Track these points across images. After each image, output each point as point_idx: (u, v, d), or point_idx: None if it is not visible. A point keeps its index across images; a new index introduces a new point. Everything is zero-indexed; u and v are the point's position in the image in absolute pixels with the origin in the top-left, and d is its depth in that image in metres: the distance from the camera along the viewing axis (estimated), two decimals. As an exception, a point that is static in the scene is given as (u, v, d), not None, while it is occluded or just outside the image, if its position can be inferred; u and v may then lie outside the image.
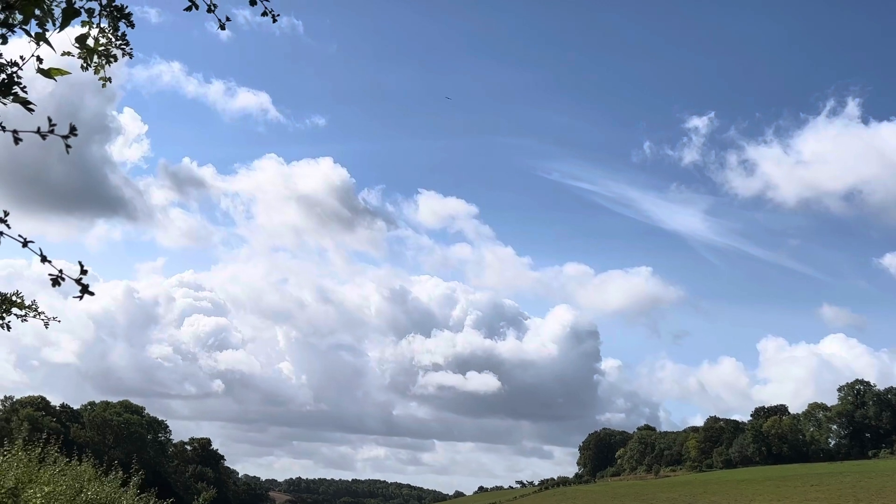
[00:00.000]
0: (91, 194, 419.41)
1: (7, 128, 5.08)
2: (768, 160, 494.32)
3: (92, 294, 5.34)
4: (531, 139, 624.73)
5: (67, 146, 5.15)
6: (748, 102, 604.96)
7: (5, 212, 5.26)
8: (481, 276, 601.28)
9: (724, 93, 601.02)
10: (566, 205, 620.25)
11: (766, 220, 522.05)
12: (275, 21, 6.81)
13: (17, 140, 5.05)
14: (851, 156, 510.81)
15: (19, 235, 5.27)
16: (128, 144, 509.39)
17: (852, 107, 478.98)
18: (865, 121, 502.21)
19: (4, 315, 11.03)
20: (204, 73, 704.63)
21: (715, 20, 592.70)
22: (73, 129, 5.14)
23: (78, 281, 5.26)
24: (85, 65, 5.79)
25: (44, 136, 5.03)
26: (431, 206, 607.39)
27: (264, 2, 6.57)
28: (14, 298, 11.20)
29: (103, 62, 5.84)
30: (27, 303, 11.21)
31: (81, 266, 5.32)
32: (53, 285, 5.32)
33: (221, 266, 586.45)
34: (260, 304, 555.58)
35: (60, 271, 5.29)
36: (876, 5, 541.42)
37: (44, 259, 5.27)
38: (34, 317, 11.20)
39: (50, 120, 5.03)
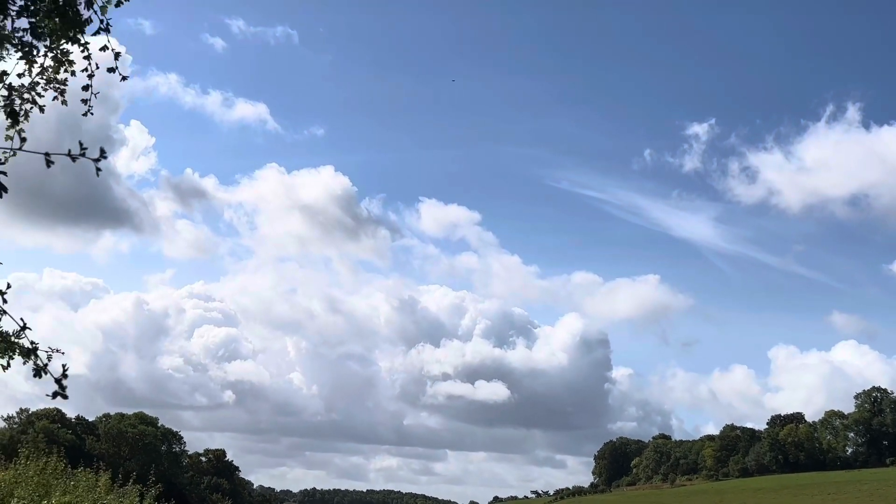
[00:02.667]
0: (96, 206, 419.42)
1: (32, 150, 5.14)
2: (770, 167, 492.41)
3: (66, 397, 5.48)
4: (531, 147, 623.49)
5: (98, 169, 5.21)
6: (748, 109, 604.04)
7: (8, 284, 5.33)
8: (489, 285, 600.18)
9: (724, 99, 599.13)
10: (570, 212, 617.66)
11: (772, 226, 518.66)
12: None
13: (49, 163, 5.11)
14: (854, 161, 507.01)
15: (20, 319, 5.37)
16: (135, 157, 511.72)
17: (853, 112, 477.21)
18: (866, 126, 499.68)
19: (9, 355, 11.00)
20: (201, 84, 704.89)
21: (714, 26, 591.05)
22: (102, 153, 5.22)
23: (58, 381, 5.36)
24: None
25: (74, 159, 5.11)
26: (433, 214, 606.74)
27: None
28: (13, 340, 11.13)
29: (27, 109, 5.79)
30: (27, 343, 11.17)
31: (64, 368, 5.42)
32: (35, 376, 5.44)
33: (230, 277, 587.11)
34: (269, 315, 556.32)
35: (45, 365, 5.41)
36: (874, 9, 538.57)
37: (34, 350, 5.36)
38: (34, 360, 11.17)
39: (81, 144, 5.11)
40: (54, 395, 5.36)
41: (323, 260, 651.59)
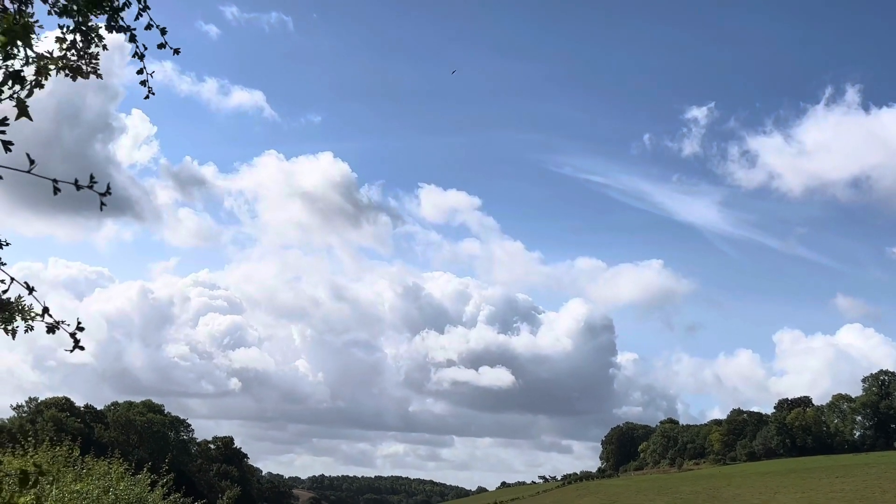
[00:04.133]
0: (96, 194, 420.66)
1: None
2: (770, 151, 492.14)
3: (82, 349, 5.48)
4: (530, 132, 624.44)
5: (102, 204, 5.26)
6: (747, 92, 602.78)
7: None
8: (492, 272, 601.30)
9: (723, 83, 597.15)
10: (572, 197, 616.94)
11: (774, 210, 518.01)
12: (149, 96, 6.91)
13: (56, 190, 5.14)
14: (854, 144, 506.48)
15: (25, 283, 5.36)
16: (137, 146, 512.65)
17: (851, 94, 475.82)
18: (866, 108, 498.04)
19: (14, 319, 10.98)
20: (197, 71, 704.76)
21: (712, 10, 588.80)
22: (108, 189, 5.27)
23: (72, 335, 5.36)
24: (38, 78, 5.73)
25: (78, 188, 5.14)
26: (433, 200, 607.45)
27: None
28: (16, 305, 11.13)
29: (44, 75, 5.78)
30: (35, 309, 11.15)
31: (79, 322, 5.42)
32: (48, 332, 5.44)
33: (235, 265, 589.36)
34: (274, 303, 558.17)
35: (58, 322, 5.40)
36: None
37: (45, 311, 5.33)
38: (41, 321, 11.12)
39: (91, 177, 5.14)
40: (73, 348, 5.34)
41: (325, 247, 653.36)
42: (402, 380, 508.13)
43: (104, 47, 5.89)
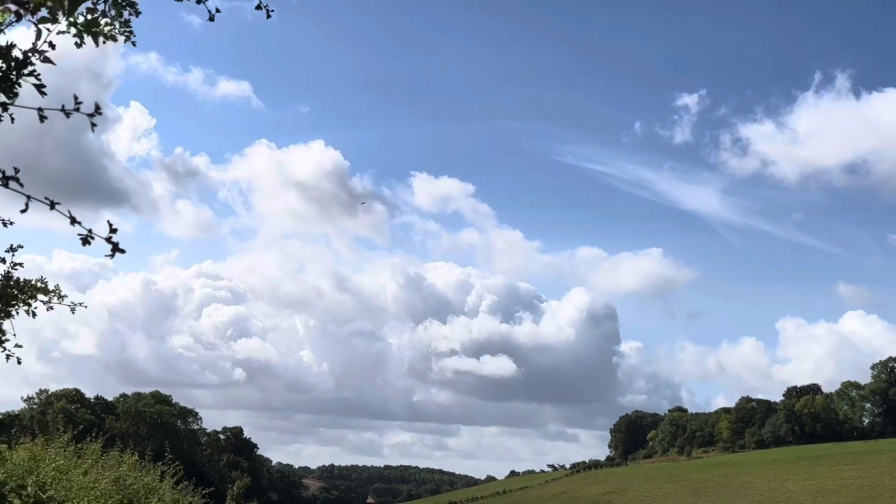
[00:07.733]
0: (91, 186, 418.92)
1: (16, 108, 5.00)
2: (763, 138, 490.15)
3: (123, 251, 5.29)
4: (521, 120, 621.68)
5: (93, 125, 5.09)
6: (739, 79, 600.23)
7: (16, 168, 5.16)
8: (492, 261, 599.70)
9: (715, 70, 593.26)
10: (567, 185, 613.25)
11: (771, 197, 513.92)
12: (269, 17, 6.80)
13: (42, 118, 4.99)
14: (847, 129, 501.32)
15: (45, 198, 5.21)
16: (136, 138, 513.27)
17: (841, 80, 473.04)
18: (857, 93, 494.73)
19: (31, 301, 11.05)
20: (182, 61, 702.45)
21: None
22: (97, 108, 5.07)
23: (108, 240, 5.22)
24: (83, 41, 5.68)
25: (68, 115, 4.97)
26: (426, 188, 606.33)
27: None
28: (38, 284, 11.24)
29: (104, 37, 5.76)
30: (51, 288, 11.23)
31: (111, 225, 5.29)
32: (83, 244, 5.26)
33: (237, 256, 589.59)
34: (277, 293, 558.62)
35: (90, 231, 5.24)
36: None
37: (73, 221, 5.21)
38: (59, 303, 11.18)
39: (76, 98, 4.97)
40: (112, 252, 5.19)
41: (322, 237, 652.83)
42: (406, 369, 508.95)
43: (137, 12, 5.84)
